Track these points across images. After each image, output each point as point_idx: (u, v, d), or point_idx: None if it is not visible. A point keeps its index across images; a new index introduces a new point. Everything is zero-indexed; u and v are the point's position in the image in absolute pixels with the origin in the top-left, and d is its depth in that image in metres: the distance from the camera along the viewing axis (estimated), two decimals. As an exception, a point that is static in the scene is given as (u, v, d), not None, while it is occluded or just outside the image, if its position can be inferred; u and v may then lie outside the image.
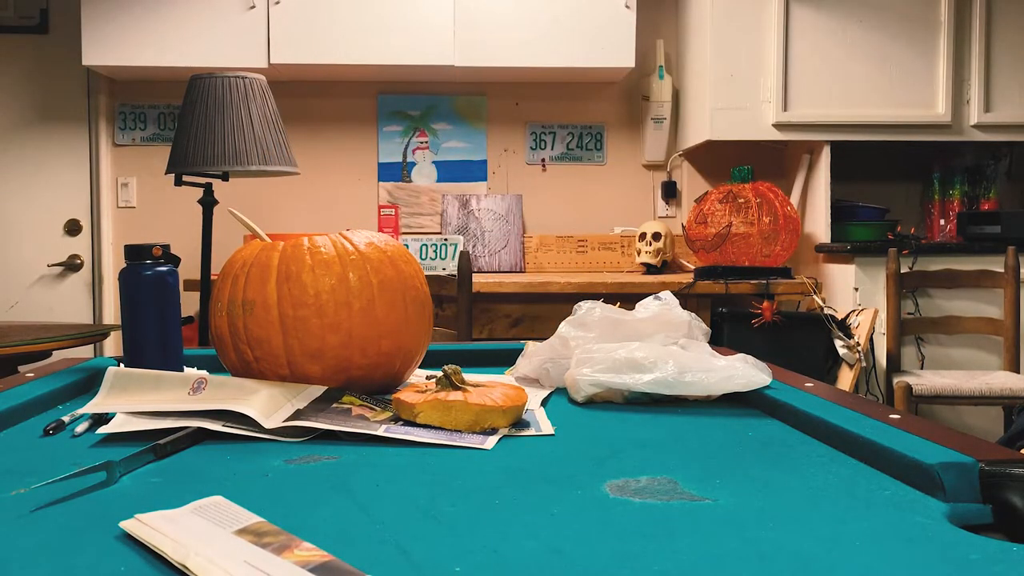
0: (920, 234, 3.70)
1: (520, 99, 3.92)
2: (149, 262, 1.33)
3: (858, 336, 3.21)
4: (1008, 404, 3.11)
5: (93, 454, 0.94)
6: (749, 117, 3.52)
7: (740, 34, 3.51)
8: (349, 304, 1.19)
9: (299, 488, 0.82)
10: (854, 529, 0.69)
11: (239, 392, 1.08)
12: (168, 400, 1.08)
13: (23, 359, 2.53)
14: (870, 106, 3.51)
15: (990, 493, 0.77)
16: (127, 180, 3.88)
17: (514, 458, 0.94)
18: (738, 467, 0.90)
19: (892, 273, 3.27)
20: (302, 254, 1.21)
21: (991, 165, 3.82)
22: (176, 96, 3.77)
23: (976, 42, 3.51)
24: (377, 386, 1.25)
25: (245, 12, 3.44)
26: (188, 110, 2.73)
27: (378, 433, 1.00)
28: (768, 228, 3.39)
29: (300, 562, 0.59)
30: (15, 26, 3.76)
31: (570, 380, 1.25)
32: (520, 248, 3.83)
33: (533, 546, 0.66)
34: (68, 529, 0.70)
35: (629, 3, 3.51)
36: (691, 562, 0.62)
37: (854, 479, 0.85)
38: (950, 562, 0.62)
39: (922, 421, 0.98)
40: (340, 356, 1.19)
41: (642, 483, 0.82)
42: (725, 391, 1.21)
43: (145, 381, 1.14)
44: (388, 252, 1.27)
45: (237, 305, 1.20)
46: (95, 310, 3.88)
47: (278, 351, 1.18)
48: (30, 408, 1.15)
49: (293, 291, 1.18)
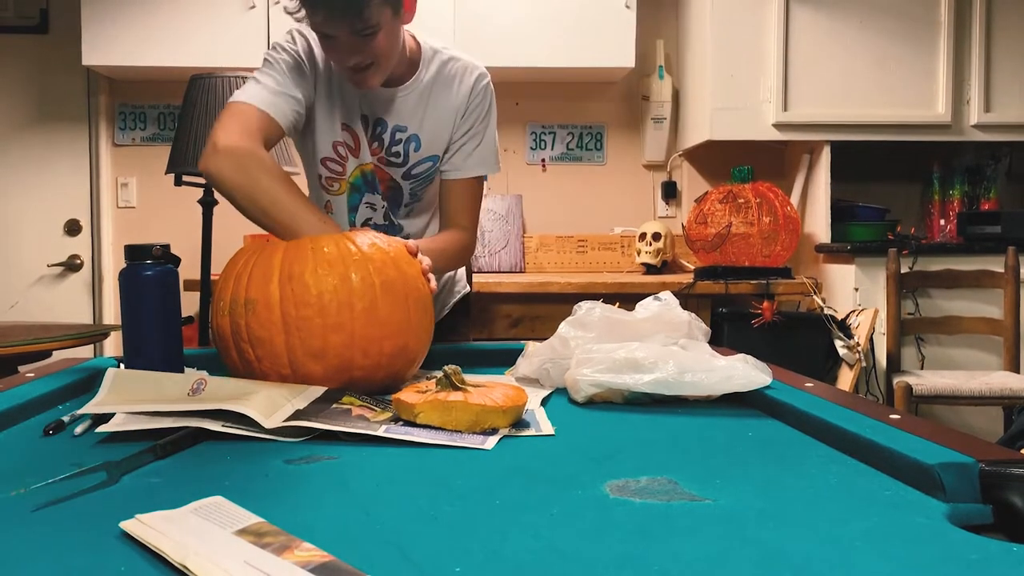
0: (920, 234, 3.69)
1: (520, 99, 3.92)
2: (149, 262, 1.33)
3: (858, 336, 3.20)
4: (1008, 404, 3.11)
5: (93, 454, 0.94)
6: (749, 117, 3.52)
7: (740, 34, 3.51)
8: (352, 304, 1.19)
9: (299, 488, 0.82)
10: (854, 529, 0.69)
11: (238, 392, 1.08)
12: (168, 400, 1.07)
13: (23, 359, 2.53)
14: (870, 106, 3.51)
15: (990, 493, 0.77)
16: (127, 180, 3.88)
17: (514, 458, 0.94)
18: (738, 467, 0.90)
19: (892, 273, 3.27)
20: (305, 254, 1.21)
21: (991, 165, 3.82)
22: (176, 96, 3.76)
23: (976, 42, 3.51)
24: (378, 386, 1.25)
25: (245, 12, 3.44)
26: (188, 110, 2.73)
27: (378, 433, 1.00)
28: (768, 228, 3.39)
29: (300, 562, 0.59)
30: (15, 26, 3.76)
31: (570, 380, 1.25)
32: (520, 248, 3.83)
33: (533, 546, 0.66)
34: (68, 529, 0.70)
35: (629, 3, 3.51)
36: (691, 562, 0.62)
37: (854, 479, 0.85)
38: (950, 562, 0.62)
39: (922, 421, 0.98)
40: (342, 356, 1.19)
41: (642, 483, 0.82)
42: (725, 391, 1.21)
43: (145, 382, 1.14)
44: (391, 253, 1.27)
45: (239, 304, 1.20)
46: (95, 310, 3.87)
47: (280, 351, 1.18)
48: (30, 408, 1.15)
49: (296, 291, 1.18)
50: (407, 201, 1.70)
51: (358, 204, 1.67)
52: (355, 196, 1.67)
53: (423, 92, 1.60)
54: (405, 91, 1.59)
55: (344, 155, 1.63)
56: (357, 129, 1.61)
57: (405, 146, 1.62)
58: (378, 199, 1.67)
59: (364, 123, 1.60)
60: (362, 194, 1.67)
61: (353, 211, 1.68)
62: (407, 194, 1.68)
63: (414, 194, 1.69)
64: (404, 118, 1.61)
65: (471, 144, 1.65)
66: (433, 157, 1.65)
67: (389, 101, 1.59)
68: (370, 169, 1.64)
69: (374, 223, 1.68)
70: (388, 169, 1.65)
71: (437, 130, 1.63)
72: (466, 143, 1.64)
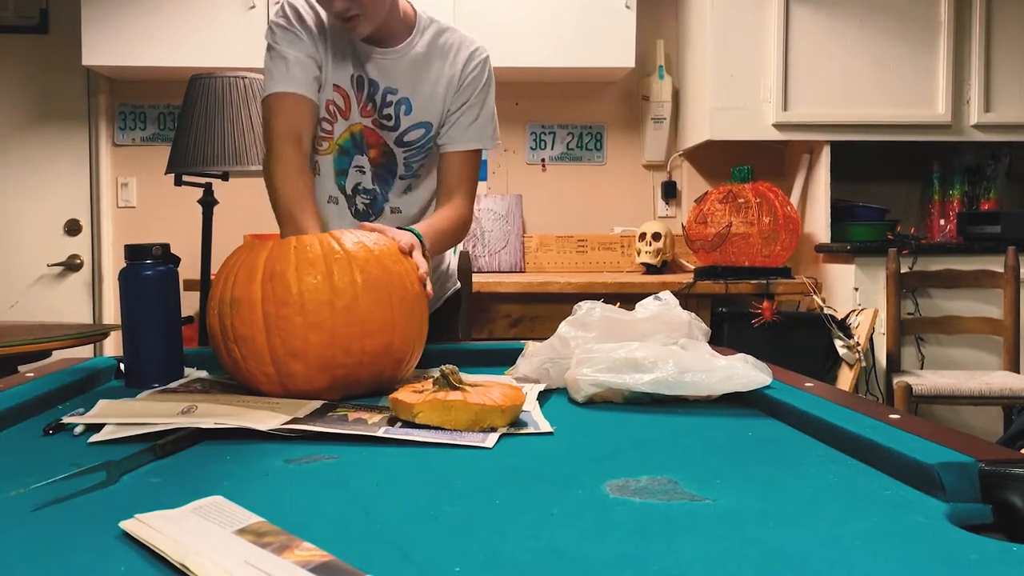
0: (920, 234, 3.69)
1: (520, 99, 3.92)
2: (149, 262, 1.33)
3: (858, 336, 3.20)
4: (1008, 404, 3.11)
5: (93, 454, 0.94)
6: (749, 117, 3.52)
7: (740, 34, 3.51)
8: (331, 303, 1.19)
9: (299, 488, 0.82)
10: (854, 529, 0.69)
11: (232, 412, 1.08)
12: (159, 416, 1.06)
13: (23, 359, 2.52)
14: (870, 106, 3.51)
15: (990, 493, 0.77)
16: (127, 180, 3.88)
17: (514, 458, 0.93)
18: (738, 467, 0.90)
19: (892, 273, 3.27)
20: (288, 253, 1.21)
21: (991, 165, 3.82)
22: (176, 96, 3.76)
23: (976, 42, 3.51)
24: (365, 386, 1.25)
25: (245, 12, 3.44)
26: (188, 110, 2.73)
27: (378, 434, 1.00)
28: (768, 228, 3.39)
29: (300, 562, 0.59)
30: (15, 26, 3.76)
31: (570, 380, 1.25)
32: (520, 248, 3.83)
33: (533, 546, 0.66)
34: (68, 529, 0.70)
35: (629, 3, 3.51)
36: (691, 562, 0.62)
37: (854, 479, 0.85)
38: (950, 562, 0.62)
39: (922, 421, 0.98)
40: (323, 355, 1.19)
41: (642, 483, 0.82)
42: (725, 391, 1.21)
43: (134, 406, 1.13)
44: (375, 251, 1.26)
45: (226, 304, 1.21)
46: (95, 310, 3.87)
47: (262, 349, 1.18)
48: (30, 408, 1.15)
49: (276, 290, 1.18)
50: (402, 173, 1.70)
51: (347, 168, 1.69)
52: (343, 160, 1.68)
53: (415, 58, 1.63)
54: (396, 54, 1.62)
55: (333, 114, 1.65)
56: (348, 89, 1.63)
57: (396, 108, 1.64)
58: (366, 161, 1.68)
59: (358, 84, 1.63)
60: (351, 157, 1.68)
61: (342, 175, 1.69)
62: (401, 164, 1.69)
63: (408, 166, 1.70)
64: (395, 80, 1.63)
65: (467, 117, 1.66)
66: (425, 124, 1.66)
67: (381, 62, 1.62)
68: (359, 131, 1.66)
69: (363, 187, 1.69)
70: (381, 133, 1.66)
71: (429, 97, 1.64)
72: (462, 116, 1.66)
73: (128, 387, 1.33)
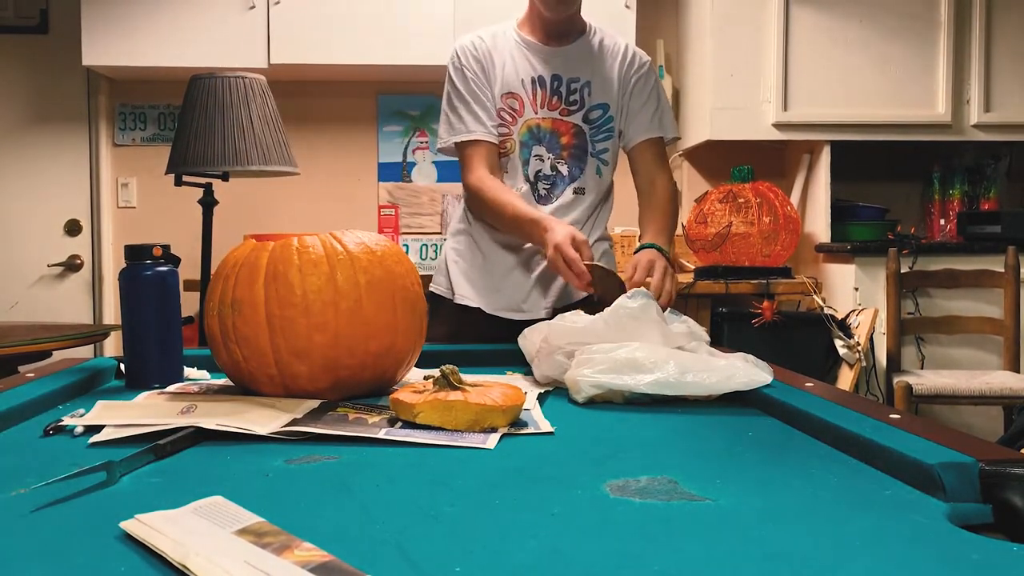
0: (920, 234, 3.69)
1: (520, 99, 3.92)
2: (149, 262, 1.33)
3: (858, 336, 3.20)
4: (1008, 404, 3.11)
5: (93, 454, 0.94)
6: (749, 117, 3.52)
7: (740, 34, 3.51)
8: (336, 304, 1.19)
9: (299, 488, 0.82)
10: (854, 529, 0.69)
11: (232, 411, 1.08)
12: (158, 416, 1.06)
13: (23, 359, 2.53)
14: (870, 106, 3.51)
15: (990, 493, 0.77)
16: (127, 180, 3.88)
17: (514, 458, 0.93)
18: (738, 467, 0.90)
19: (892, 273, 3.27)
20: (290, 254, 1.21)
21: (991, 165, 3.82)
22: (176, 96, 3.76)
23: (976, 42, 3.51)
24: (367, 386, 1.25)
25: (245, 12, 3.44)
26: (188, 110, 2.73)
27: (379, 436, 1.00)
28: (768, 228, 3.39)
29: (300, 562, 0.59)
30: (15, 26, 3.76)
31: (570, 380, 1.25)
32: (520, 248, 3.82)
33: (533, 546, 0.66)
34: (68, 529, 0.70)
35: (629, 3, 3.51)
36: (691, 562, 0.62)
37: (854, 479, 0.85)
38: (950, 562, 0.62)
39: (922, 421, 0.98)
40: (327, 356, 1.19)
41: (642, 483, 0.82)
42: (726, 390, 1.21)
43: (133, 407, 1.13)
44: (378, 252, 1.26)
45: (227, 305, 1.21)
46: (95, 310, 3.87)
47: (265, 350, 1.18)
48: (30, 408, 1.15)
49: (280, 291, 1.18)
50: (592, 150, 1.88)
51: (528, 158, 1.88)
52: (524, 151, 1.87)
53: (592, 49, 1.90)
54: (577, 48, 1.89)
55: (512, 115, 1.87)
56: (522, 93, 1.86)
57: (581, 92, 1.87)
58: (544, 151, 1.88)
59: (539, 84, 1.86)
60: (530, 148, 1.87)
61: (525, 164, 1.88)
62: (590, 142, 1.88)
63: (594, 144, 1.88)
64: (578, 69, 1.87)
65: (647, 112, 1.90)
66: (603, 105, 1.88)
67: (564, 55, 1.87)
68: (536, 124, 1.87)
69: (544, 174, 1.88)
70: (570, 119, 1.87)
71: (606, 80, 1.88)
72: (640, 112, 1.90)
73: (128, 387, 1.33)
